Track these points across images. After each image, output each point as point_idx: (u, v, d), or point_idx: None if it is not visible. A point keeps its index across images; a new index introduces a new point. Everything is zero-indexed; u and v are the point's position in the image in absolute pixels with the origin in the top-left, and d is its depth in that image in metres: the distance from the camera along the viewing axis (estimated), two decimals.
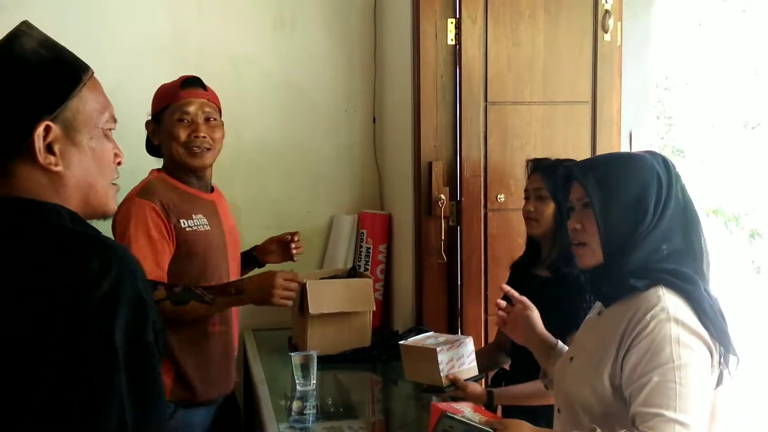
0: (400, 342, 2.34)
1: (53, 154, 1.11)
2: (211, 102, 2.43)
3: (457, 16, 2.87)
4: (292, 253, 2.67)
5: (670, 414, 1.46)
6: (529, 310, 1.96)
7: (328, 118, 3.47)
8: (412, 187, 2.98)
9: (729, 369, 1.57)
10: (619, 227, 1.60)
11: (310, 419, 2.31)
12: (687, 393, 1.47)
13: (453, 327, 2.94)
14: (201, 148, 2.38)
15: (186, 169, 2.41)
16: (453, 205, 2.92)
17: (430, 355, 2.16)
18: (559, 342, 1.92)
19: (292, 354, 2.53)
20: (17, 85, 1.09)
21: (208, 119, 2.41)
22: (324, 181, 3.48)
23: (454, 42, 2.88)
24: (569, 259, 1.95)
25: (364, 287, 2.86)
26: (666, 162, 1.65)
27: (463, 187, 2.91)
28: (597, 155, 2.06)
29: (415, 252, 2.97)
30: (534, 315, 1.96)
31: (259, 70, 3.37)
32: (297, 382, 2.47)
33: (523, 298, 1.99)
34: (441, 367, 2.15)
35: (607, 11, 2.92)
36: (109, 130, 1.19)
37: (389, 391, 2.79)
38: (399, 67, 3.14)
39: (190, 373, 2.33)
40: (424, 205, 2.90)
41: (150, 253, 2.23)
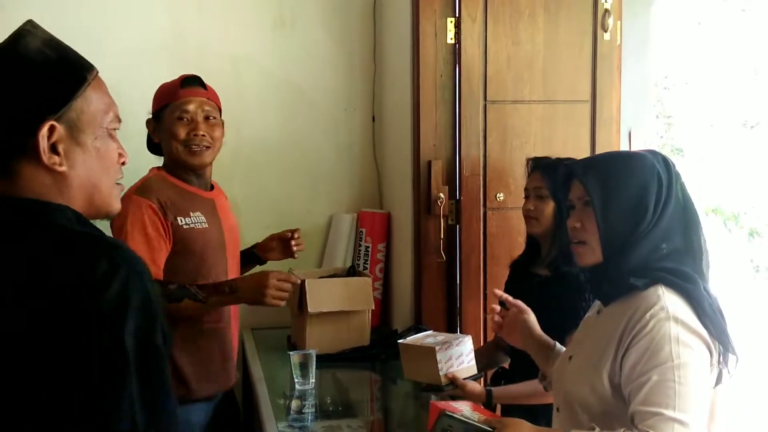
0: (399, 341, 2.34)
1: (57, 154, 1.10)
2: (210, 101, 2.43)
3: (457, 15, 2.87)
4: (292, 250, 2.67)
5: (669, 413, 1.46)
6: (525, 313, 1.95)
7: (328, 117, 3.47)
8: (411, 186, 2.98)
9: (728, 368, 1.57)
10: (619, 226, 1.60)
11: (309, 418, 2.31)
12: (686, 392, 1.47)
13: (452, 326, 2.94)
14: (200, 146, 2.38)
15: (185, 167, 2.42)
16: (452, 203, 2.92)
17: (429, 354, 2.16)
18: (557, 344, 1.92)
19: (291, 353, 2.53)
20: (22, 84, 1.09)
21: (208, 118, 2.41)
22: (323, 179, 3.48)
23: (453, 41, 2.88)
24: (569, 258, 1.94)
25: (363, 286, 2.87)
26: (666, 161, 1.65)
27: (462, 186, 2.91)
28: (598, 154, 2.06)
29: (414, 251, 2.97)
30: (531, 318, 1.95)
31: (258, 70, 3.37)
32: (296, 381, 2.47)
33: (518, 302, 1.97)
34: (440, 365, 2.15)
35: (606, 10, 2.92)
36: (114, 130, 1.18)
37: (388, 390, 2.79)
38: (398, 66, 3.13)
39: (186, 369, 2.33)
40: (424, 204, 2.90)
41: (146, 250, 2.23)
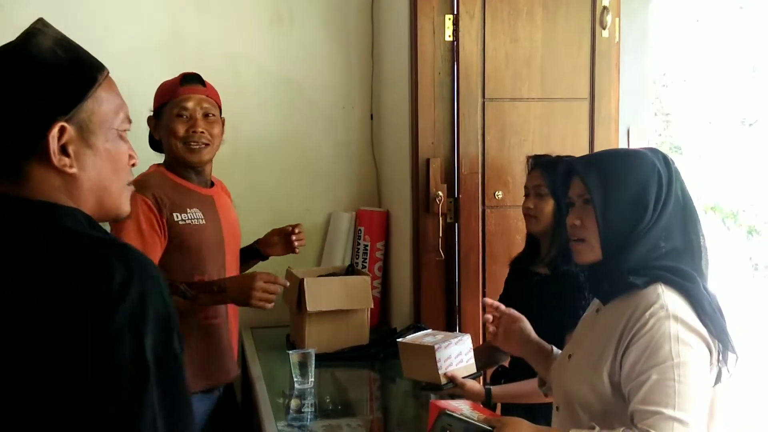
0: (398, 339, 2.33)
1: (68, 155, 1.08)
2: (209, 98, 2.44)
3: (455, 12, 2.87)
4: (294, 246, 2.67)
5: (669, 412, 1.45)
6: (520, 321, 1.94)
7: (326, 115, 3.46)
8: (409, 184, 2.98)
9: (728, 367, 1.57)
10: (619, 224, 1.59)
11: (308, 417, 2.30)
12: (686, 391, 1.46)
13: (451, 324, 2.94)
14: (199, 143, 2.39)
15: (184, 164, 2.42)
16: (451, 202, 2.91)
17: (429, 353, 2.16)
18: (553, 348, 1.91)
19: (290, 352, 2.53)
20: (33, 85, 1.07)
21: (207, 115, 2.41)
22: (322, 178, 3.48)
23: (451, 38, 2.88)
24: (568, 257, 1.94)
25: (362, 285, 2.86)
26: (666, 159, 1.64)
27: (460, 184, 2.90)
28: (598, 151, 2.05)
29: (413, 249, 2.97)
30: (525, 325, 1.93)
31: (257, 68, 3.37)
32: (295, 380, 2.47)
33: (511, 310, 1.96)
34: (439, 364, 2.14)
35: (605, 8, 2.91)
36: (124, 131, 1.16)
37: (387, 389, 2.79)
38: (396, 63, 3.13)
39: None
40: (422, 202, 2.90)
41: (139, 245, 2.21)
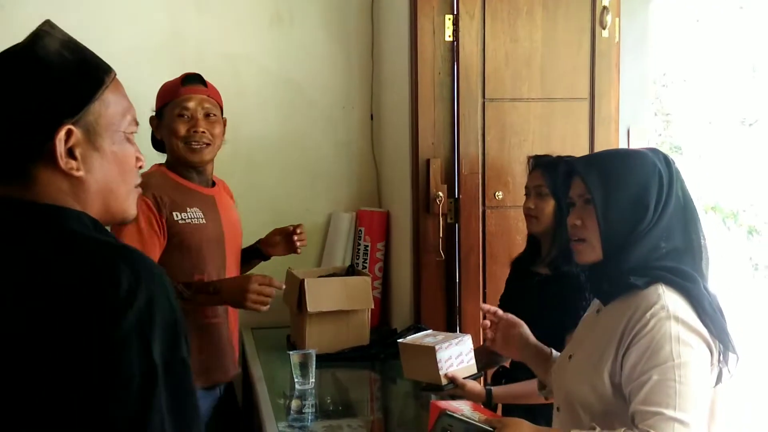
0: (398, 340, 2.33)
1: (74, 158, 1.07)
2: (211, 98, 2.45)
3: (455, 12, 2.87)
4: (296, 246, 2.67)
5: (669, 412, 1.45)
6: (518, 326, 1.94)
7: (326, 115, 3.46)
8: (410, 184, 2.97)
9: (728, 367, 1.57)
10: (620, 224, 1.59)
11: (309, 418, 2.30)
12: (687, 391, 1.46)
13: (451, 325, 2.94)
14: (200, 143, 2.40)
15: (186, 163, 2.43)
16: (451, 202, 2.91)
17: (429, 353, 2.15)
18: (552, 351, 1.91)
19: (291, 352, 2.53)
20: (39, 87, 1.06)
21: (208, 115, 2.42)
22: (322, 178, 3.48)
23: (451, 38, 2.88)
24: (569, 257, 1.94)
25: (363, 285, 2.86)
26: (667, 159, 1.64)
27: (461, 185, 2.90)
28: (599, 151, 2.05)
29: (414, 250, 2.97)
30: (524, 330, 1.93)
31: (257, 68, 3.37)
32: (296, 380, 2.47)
33: (509, 315, 1.96)
34: (440, 365, 2.14)
35: (605, 8, 2.91)
36: (131, 134, 1.16)
37: (388, 390, 2.79)
38: (396, 63, 3.13)
39: None
40: (422, 203, 2.90)
41: (138, 245, 2.22)
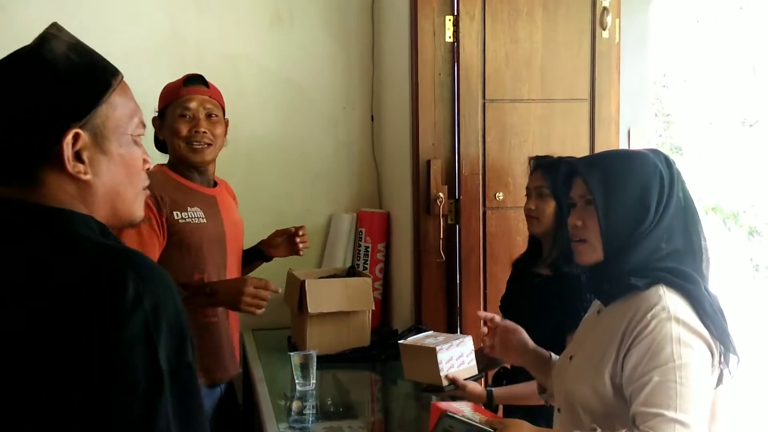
0: (399, 341, 2.33)
1: (82, 162, 1.06)
2: (213, 99, 2.47)
3: (455, 13, 2.87)
4: (298, 247, 2.67)
5: (670, 414, 1.45)
6: (517, 333, 1.94)
7: (327, 116, 3.46)
8: (410, 185, 2.97)
9: (729, 368, 1.57)
10: (621, 225, 1.59)
11: (310, 419, 2.30)
12: (687, 393, 1.46)
13: (452, 326, 2.94)
14: (201, 143, 2.41)
15: (187, 163, 2.44)
16: (452, 203, 2.91)
17: (430, 355, 2.16)
18: (552, 354, 1.91)
19: (292, 353, 2.53)
20: (46, 91, 1.05)
21: (210, 115, 2.44)
22: (322, 179, 3.48)
23: (452, 39, 2.88)
24: (570, 258, 1.93)
25: (363, 286, 2.86)
26: (668, 160, 1.64)
27: (461, 186, 2.90)
28: (600, 152, 2.05)
29: (414, 251, 2.97)
30: (522, 335, 1.93)
31: (257, 68, 3.37)
32: (296, 381, 2.47)
33: (506, 322, 1.97)
34: (441, 366, 2.14)
35: (605, 8, 2.91)
36: (138, 136, 1.15)
37: (389, 391, 2.79)
38: (397, 64, 3.13)
39: None
40: (423, 204, 2.90)
41: (137, 244, 2.23)
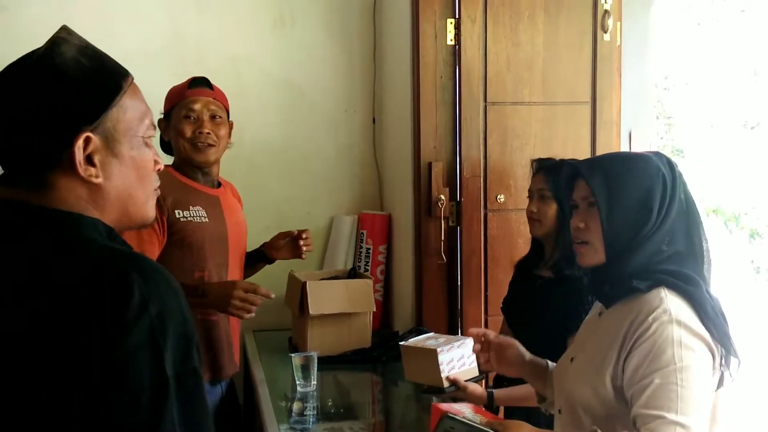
0: (400, 343, 2.34)
1: (93, 165, 1.07)
2: (217, 101, 2.50)
3: (457, 16, 2.87)
4: (301, 250, 2.68)
5: (671, 416, 1.45)
6: (512, 347, 1.93)
7: (328, 118, 3.46)
8: (411, 187, 2.98)
9: (730, 371, 1.57)
10: (623, 227, 1.60)
11: (311, 420, 2.30)
12: (688, 395, 1.47)
13: (453, 328, 2.94)
14: (205, 143, 2.44)
15: (191, 164, 2.47)
16: (453, 205, 2.91)
17: (431, 356, 2.16)
18: (548, 362, 1.90)
19: (293, 355, 2.53)
20: (57, 95, 1.05)
21: (214, 117, 2.47)
22: (324, 181, 3.48)
23: (453, 42, 2.88)
24: (571, 260, 1.94)
25: (364, 288, 2.86)
26: (670, 163, 1.64)
27: (462, 188, 2.90)
28: (603, 154, 2.05)
29: (415, 253, 2.97)
30: (519, 349, 1.92)
31: (258, 70, 3.37)
32: (297, 383, 2.47)
33: (500, 338, 1.96)
34: (441, 367, 2.14)
35: (606, 11, 2.92)
36: (149, 138, 1.15)
37: (389, 392, 2.79)
38: (398, 67, 3.13)
39: None
40: (424, 206, 2.90)
41: (135, 243, 2.23)
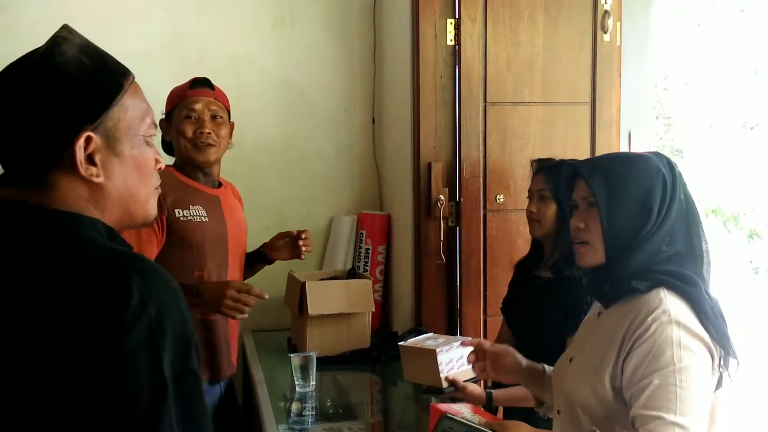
0: (399, 343, 2.34)
1: (94, 165, 1.06)
2: (218, 101, 2.51)
3: (457, 16, 2.87)
4: (300, 251, 2.68)
5: (670, 417, 1.46)
6: (508, 356, 1.92)
7: (328, 119, 3.46)
8: (411, 187, 2.98)
9: (729, 372, 1.57)
10: (623, 228, 1.60)
11: (310, 420, 2.30)
12: (687, 396, 1.47)
13: (452, 328, 2.94)
14: (205, 143, 2.45)
15: (192, 164, 2.48)
16: (452, 205, 2.91)
17: (430, 356, 2.16)
18: (545, 366, 1.90)
19: (292, 355, 2.53)
20: (58, 94, 1.05)
21: (215, 117, 2.49)
22: (323, 181, 3.48)
23: (453, 42, 2.88)
24: (571, 261, 1.94)
25: (364, 288, 2.86)
26: (670, 163, 1.64)
27: (462, 188, 2.90)
28: (603, 154, 2.05)
29: (415, 253, 2.97)
30: (515, 356, 1.92)
31: (258, 70, 3.37)
32: (296, 383, 2.47)
33: (495, 347, 1.95)
34: (441, 368, 2.14)
35: (606, 11, 2.92)
36: (150, 137, 1.14)
37: (388, 392, 2.79)
38: (398, 67, 3.13)
39: None
40: (424, 206, 2.90)
41: (134, 241, 2.24)
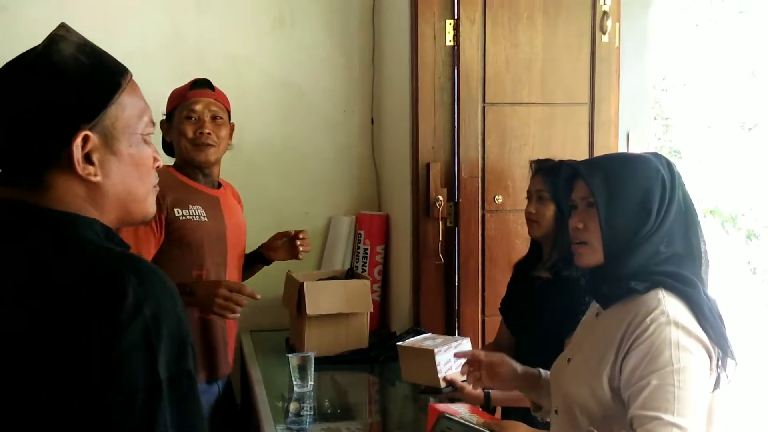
0: (397, 343, 2.34)
1: (92, 164, 1.06)
2: (218, 102, 2.52)
3: (456, 17, 2.87)
4: (298, 251, 2.69)
5: (668, 417, 1.46)
6: (503, 364, 1.92)
7: (327, 119, 3.46)
8: (410, 188, 2.98)
9: (727, 372, 1.57)
10: (622, 228, 1.60)
11: (308, 421, 2.30)
12: (685, 396, 1.47)
13: (450, 328, 2.94)
14: (205, 143, 2.46)
15: (192, 164, 2.49)
16: (451, 206, 2.92)
17: (428, 356, 2.16)
18: (541, 370, 1.90)
19: (290, 355, 2.53)
20: (55, 93, 1.04)
21: (215, 117, 2.50)
22: (322, 181, 3.48)
23: (452, 43, 2.88)
24: (569, 262, 1.94)
25: (362, 288, 2.86)
26: (669, 164, 1.65)
27: (460, 189, 2.91)
28: (602, 155, 2.06)
29: (413, 253, 2.97)
30: (510, 365, 1.91)
31: (258, 71, 3.37)
32: (294, 383, 2.47)
33: (491, 357, 1.95)
34: (439, 368, 2.15)
35: (605, 13, 2.92)
36: (148, 135, 1.14)
37: (387, 393, 2.79)
38: (397, 68, 3.13)
39: None
40: (422, 207, 2.90)
41: (132, 240, 2.24)
